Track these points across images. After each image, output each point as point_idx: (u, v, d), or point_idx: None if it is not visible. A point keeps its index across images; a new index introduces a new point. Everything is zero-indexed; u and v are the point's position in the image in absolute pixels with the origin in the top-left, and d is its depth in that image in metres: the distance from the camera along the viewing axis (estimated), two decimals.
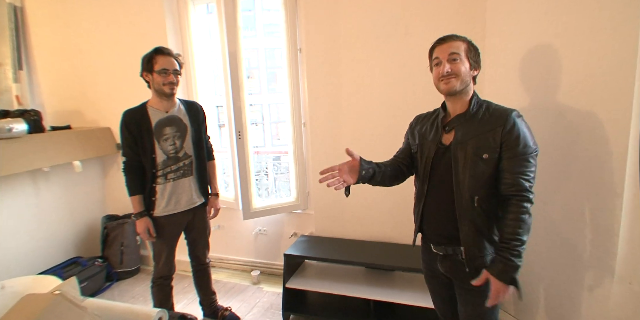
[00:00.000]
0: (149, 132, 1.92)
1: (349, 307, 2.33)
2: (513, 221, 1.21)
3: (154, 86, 1.93)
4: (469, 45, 1.30)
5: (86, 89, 3.09)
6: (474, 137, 1.27)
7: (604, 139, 1.44)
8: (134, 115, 1.93)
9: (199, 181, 2.10)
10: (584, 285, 1.58)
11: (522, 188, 1.20)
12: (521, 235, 1.19)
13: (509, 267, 1.19)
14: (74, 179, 2.96)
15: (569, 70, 1.57)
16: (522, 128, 1.22)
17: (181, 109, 2.05)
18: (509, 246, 1.20)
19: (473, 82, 1.33)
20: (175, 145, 1.99)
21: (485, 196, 1.27)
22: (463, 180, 1.28)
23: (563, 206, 1.66)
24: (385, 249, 2.37)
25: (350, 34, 2.34)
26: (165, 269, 2.09)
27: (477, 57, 1.32)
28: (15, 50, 2.95)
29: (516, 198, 1.21)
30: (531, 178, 1.22)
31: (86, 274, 2.70)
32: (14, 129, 2.37)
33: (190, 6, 2.84)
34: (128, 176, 1.96)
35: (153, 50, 1.91)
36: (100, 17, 2.92)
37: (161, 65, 1.88)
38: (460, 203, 1.30)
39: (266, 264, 3.01)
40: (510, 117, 1.23)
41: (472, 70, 1.31)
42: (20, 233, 2.58)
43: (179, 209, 2.02)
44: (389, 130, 2.36)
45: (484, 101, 1.32)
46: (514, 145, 1.21)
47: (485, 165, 1.25)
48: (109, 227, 2.96)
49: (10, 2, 2.92)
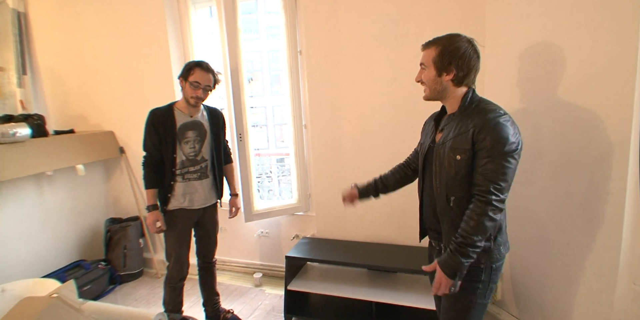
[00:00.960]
0: (173, 133, 2.01)
1: (351, 309, 2.32)
2: (470, 219, 1.20)
3: (184, 93, 2.02)
4: (442, 50, 1.26)
5: (89, 94, 3.12)
6: (452, 138, 1.27)
7: (605, 138, 1.43)
8: (162, 115, 2.02)
9: (214, 184, 2.18)
10: (588, 286, 1.56)
11: (485, 189, 1.18)
12: (471, 234, 1.18)
13: (453, 262, 1.20)
14: (77, 183, 2.97)
15: (570, 68, 1.56)
16: (498, 128, 1.17)
17: (204, 115, 2.14)
18: (456, 242, 1.21)
19: (457, 84, 1.29)
20: (194, 149, 2.08)
21: (461, 197, 1.26)
22: (441, 180, 1.30)
23: (565, 207, 1.64)
24: (387, 251, 2.36)
25: (349, 35, 2.34)
26: (175, 270, 2.12)
27: (456, 59, 1.25)
28: (19, 56, 2.99)
29: (478, 198, 1.20)
30: (500, 180, 1.17)
31: (89, 277, 2.71)
32: (17, 134, 2.39)
33: (192, 10, 2.86)
34: (146, 170, 2.04)
35: (196, 62, 1.99)
36: (102, 22, 2.95)
37: (195, 78, 1.96)
38: (440, 202, 1.33)
39: (268, 266, 3.01)
40: (484, 117, 1.20)
41: (444, 75, 1.27)
42: (24, 236, 2.60)
43: (191, 207, 2.10)
44: (390, 131, 2.36)
45: (478, 100, 1.29)
46: (484, 147, 1.18)
47: (459, 166, 1.24)
48: (112, 230, 2.97)
49: (14, 8, 2.95)
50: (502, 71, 1.98)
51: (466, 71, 1.27)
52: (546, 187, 1.73)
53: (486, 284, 1.31)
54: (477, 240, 1.18)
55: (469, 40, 1.28)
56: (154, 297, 2.75)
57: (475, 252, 1.20)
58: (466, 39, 1.28)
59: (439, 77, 1.29)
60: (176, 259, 2.11)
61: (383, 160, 2.40)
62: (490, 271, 1.30)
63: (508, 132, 1.17)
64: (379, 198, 1.67)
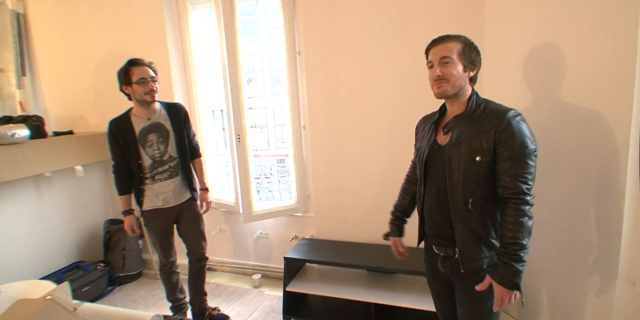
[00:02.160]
0: (134, 140, 2.03)
1: (350, 311, 2.30)
2: (512, 225, 1.17)
3: (136, 97, 2.01)
4: (465, 45, 1.25)
5: (88, 95, 3.12)
6: (468, 138, 1.23)
7: (609, 138, 1.41)
8: (119, 125, 2.04)
9: (185, 180, 2.18)
10: (588, 287, 1.55)
11: (519, 191, 1.16)
12: (521, 239, 1.16)
13: (510, 272, 1.16)
14: (76, 184, 2.97)
15: (571, 68, 1.54)
16: (518, 128, 1.17)
17: (162, 114, 2.11)
18: (509, 251, 1.17)
19: (471, 82, 1.29)
20: (159, 150, 2.08)
21: (480, 199, 1.23)
22: (457, 182, 1.25)
23: (566, 207, 1.63)
24: (386, 252, 2.33)
25: (348, 36, 2.33)
26: (163, 255, 2.22)
27: (476, 56, 1.27)
28: (18, 57, 2.99)
29: (513, 201, 1.18)
30: (529, 180, 1.17)
31: (88, 279, 2.71)
32: (16, 135, 2.39)
33: (190, 11, 2.85)
34: (117, 178, 2.12)
35: (126, 63, 1.98)
36: (101, 23, 2.95)
37: (138, 75, 1.95)
38: (455, 206, 1.27)
39: (267, 268, 3.00)
40: (504, 117, 1.18)
41: (468, 72, 1.26)
42: (23, 238, 2.60)
43: (166, 206, 2.13)
44: (389, 131, 2.35)
45: (484, 100, 1.28)
46: (509, 147, 1.16)
47: (479, 167, 1.22)
48: (111, 231, 2.97)
49: (13, 9, 2.95)
50: (500, 70, 1.97)
51: (479, 70, 1.29)
52: (546, 188, 1.72)
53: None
54: (526, 243, 1.16)
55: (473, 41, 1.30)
56: (152, 298, 2.74)
57: (526, 253, 1.17)
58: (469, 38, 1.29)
59: (464, 73, 1.26)
60: (160, 246, 2.19)
61: (382, 161, 2.40)
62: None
63: (529, 131, 1.19)
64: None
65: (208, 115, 3.03)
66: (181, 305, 2.32)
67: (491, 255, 1.27)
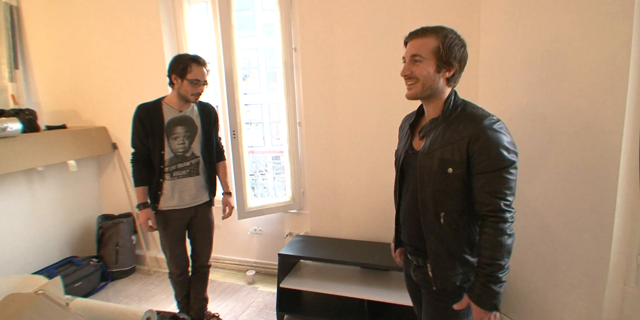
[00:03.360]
0: (161, 129, 1.95)
1: (344, 307, 2.31)
2: (489, 244, 1.08)
3: (181, 92, 1.94)
4: (442, 43, 1.11)
5: (82, 89, 3.09)
6: (441, 147, 1.13)
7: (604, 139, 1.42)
8: (149, 110, 1.95)
9: (206, 181, 2.12)
10: (577, 286, 1.56)
11: (497, 208, 1.07)
12: (499, 259, 1.07)
13: (488, 294, 1.08)
14: (69, 179, 2.95)
15: (570, 69, 1.54)
16: (494, 138, 1.05)
17: (194, 110, 2.07)
18: (487, 272, 1.08)
19: (449, 83, 1.17)
20: (184, 145, 2.01)
21: (453, 212, 1.14)
22: (428, 194, 1.16)
23: (556, 208, 1.64)
24: (380, 249, 2.35)
25: (344, 32, 2.33)
26: (172, 265, 2.13)
27: (457, 55, 1.13)
28: (11, 50, 2.95)
29: (491, 219, 1.08)
30: (508, 195, 1.07)
31: (81, 274, 2.69)
32: (8, 128, 2.36)
33: (186, 6, 2.83)
34: (135, 167, 2.00)
35: (190, 57, 1.91)
36: (95, 17, 2.92)
37: (195, 76, 1.90)
38: (426, 218, 1.18)
39: (261, 264, 3.00)
40: (478, 125, 1.07)
41: (443, 72, 1.14)
42: (14, 232, 2.58)
43: (182, 205, 2.05)
44: (385, 129, 2.35)
45: (462, 103, 1.17)
46: (484, 160, 1.06)
47: (451, 179, 1.12)
48: (104, 226, 2.95)
49: (6, 2, 2.91)
50: (496, 71, 1.97)
51: (461, 70, 1.17)
52: (538, 188, 1.73)
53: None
54: (505, 263, 1.08)
55: (461, 37, 1.15)
56: (145, 293, 2.73)
57: (505, 274, 1.08)
58: (458, 34, 1.15)
59: (438, 73, 1.13)
60: (171, 255, 2.10)
61: (377, 158, 2.40)
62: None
63: (507, 141, 1.07)
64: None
65: None
66: (187, 304, 2.27)
67: (466, 271, 1.19)
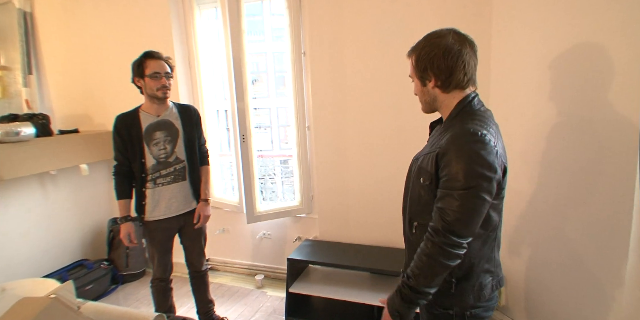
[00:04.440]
0: (139, 137, 1.92)
1: (353, 313, 2.30)
2: (417, 257, 1.03)
3: (147, 91, 1.92)
4: (417, 57, 1.09)
5: (94, 93, 3.13)
6: (423, 154, 1.11)
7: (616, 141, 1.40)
8: (126, 120, 1.93)
9: (192, 186, 2.06)
10: (593, 292, 1.53)
11: (436, 227, 0.99)
12: (415, 276, 1.01)
13: (391, 301, 1.07)
14: (81, 182, 2.98)
15: (586, 75, 1.50)
16: (463, 154, 0.96)
17: (173, 113, 2.02)
18: (402, 281, 1.05)
19: (444, 90, 1.08)
20: (165, 150, 1.97)
21: (425, 224, 1.07)
22: (405, 201, 1.17)
23: (572, 216, 1.61)
24: (390, 254, 2.33)
25: (354, 36, 2.33)
26: (159, 271, 2.08)
27: (428, 64, 1.06)
28: (25, 55, 3.01)
29: (427, 235, 1.02)
30: (455, 220, 0.96)
31: (92, 277, 2.72)
32: (21, 133, 2.40)
33: (196, 11, 2.86)
34: (116, 180, 1.98)
35: (142, 54, 1.90)
36: (107, 22, 2.96)
37: (152, 69, 1.87)
38: (404, 226, 1.19)
39: (270, 268, 2.99)
40: (451, 139, 0.99)
41: (427, 83, 1.10)
42: (27, 235, 2.61)
43: (169, 214, 2.00)
44: (394, 133, 2.34)
45: (465, 112, 1.06)
46: (445, 175, 0.99)
47: (423, 190, 1.08)
48: (115, 230, 2.97)
49: (20, 8, 2.97)
50: (508, 75, 1.96)
51: (448, 72, 1.04)
52: (551, 189, 1.71)
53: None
54: (421, 285, 1.00)
55: (449, 33, 1.06)
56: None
57: (420, 298, 1.02)
58: (445, 32, 1.06)
59: (425, 87, 1.11)
60: (159, 262, 2.06)
61: (387, 163, 2.39)
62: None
63: (477, 162, 0.94)
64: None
65: (212, 115, 3.03)
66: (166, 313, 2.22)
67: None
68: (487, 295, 1.11)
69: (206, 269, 2.26)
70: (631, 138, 1.32)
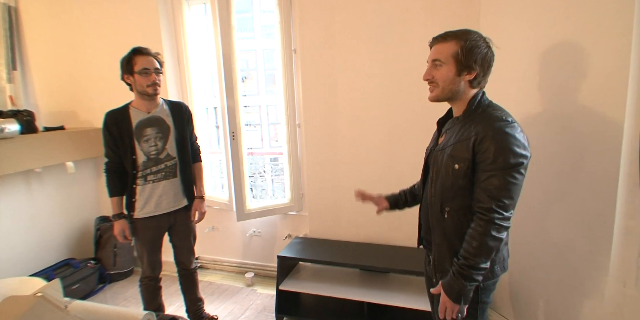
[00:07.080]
0: (129, 133, 1.90)
1: (343, 310, 2.30)
2: (470, 238, 1.11)
3: (137, 88, 1.90)
4: (463, 47, 1.13)
5: (80, 90, 3.07)
6: (453, 144, 1.18)
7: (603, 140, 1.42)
8: (116, 116, 1.91)
9: (183, 183, 2.05)
10: (580, 288, 1.56)
11: (488, 207, 1.08)
12: (474, 256, 1.10)
13: (455, 284, 1.12)
14: (67, 180, 2.93)
15: (570, 73, 1.53)
16: (502, 138, 1.07)
17: (164, 109, 2.01)
18: (459, 264, 1.12)
19: (472, 85, 1.18)
20: (156, 146, 1.95)
21: (458, 209, 1.18)
22: (436, 189, 1.22)
23: (558, 210, 1.64)
24: (379, 251, 2.35)
25: (344, 34, 2.33)
26: (148, 270, 2.07)
27: (476, 57, 1.14)
28: (9, 51, 2.94)
29: (479, 216, 1.11)
30: (503, 197, 1.07)
31: (78, 276, 2.68)
32: (6, 130, 2.35)
33: (185, 7, 2.83)
34: (108, 177, 1.96)
35: (131, 51, 1.87)
36: (94, 18, 2.91)
37: (141, 65, 1.84)
38: (433, 212, 1.24)
39: (260, 266, 2.99)
40: (487, 126, 1.09)
41: (464, 75, 1.16)
42: (12, 234, 2.56)
43: (159, 211, 1.99)
44: (385, 131, 2.35)
45: (486, 106, 1.18)
46: (486, 159, 1.08)
47: (457, 176, 1.15)
48: (102, 228, 2.93)
49: (4, 2, 2.90)
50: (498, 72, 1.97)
51: (488, 72, 1.18)
52: (535, 185, 1.73)
53: (474, 304, 1.22)
54: (480, 262, 1.10)
55: (486, 39, 1.17)
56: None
57: (480, 274, 1.11)
58: (483, 36, 1.17)
59: (458, 77, 1.16)
60: (148, 261, 2.05)
61: (377, 160, 2.40)
62: (479, 290, 1.22)
63: (515, 143, 1.07)
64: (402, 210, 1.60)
65: (202, 113, 3.01)
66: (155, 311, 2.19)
67: None
68: (507, 266, 1.25)
69: (195, 268, 2.24)
70: (614, 134, 1.34)
